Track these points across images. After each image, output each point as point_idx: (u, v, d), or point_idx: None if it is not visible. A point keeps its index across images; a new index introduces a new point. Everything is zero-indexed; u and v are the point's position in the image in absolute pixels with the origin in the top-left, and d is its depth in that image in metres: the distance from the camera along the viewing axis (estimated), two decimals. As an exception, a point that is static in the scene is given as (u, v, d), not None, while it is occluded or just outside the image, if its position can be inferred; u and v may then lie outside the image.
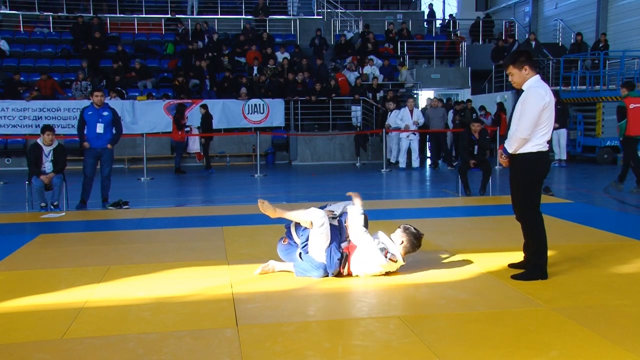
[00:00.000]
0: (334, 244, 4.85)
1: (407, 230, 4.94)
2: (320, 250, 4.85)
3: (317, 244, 4.84)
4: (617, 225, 6.98)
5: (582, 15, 21.88)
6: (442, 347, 3.49)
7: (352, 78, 18.12)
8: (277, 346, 3.54)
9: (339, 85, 17.74)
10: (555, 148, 14.74)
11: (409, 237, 4.91)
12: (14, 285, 4.89)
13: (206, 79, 17.75)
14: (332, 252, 4.84)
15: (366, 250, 4.86)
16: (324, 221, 4.78)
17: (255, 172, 13.78)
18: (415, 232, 4.94)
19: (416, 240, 4.93)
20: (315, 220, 4.78)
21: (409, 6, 25.66)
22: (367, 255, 4.86)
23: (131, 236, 6.93)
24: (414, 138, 15.12)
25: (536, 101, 4.65)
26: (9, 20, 21.19)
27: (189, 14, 22.47)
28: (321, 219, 4.78)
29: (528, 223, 4.87)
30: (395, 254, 4.87)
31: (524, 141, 4.71)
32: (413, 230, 4.94)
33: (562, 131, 14.70)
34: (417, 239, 4.94)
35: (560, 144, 14.80)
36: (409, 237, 4.90)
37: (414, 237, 4.92)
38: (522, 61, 4.77)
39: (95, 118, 9.07)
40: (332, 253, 4.84)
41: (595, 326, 3.78)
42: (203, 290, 4.70)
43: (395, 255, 4.87)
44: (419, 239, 4.95)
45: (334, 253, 4.84)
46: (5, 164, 15.73)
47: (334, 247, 4.84)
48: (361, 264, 4.89)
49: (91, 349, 3.55)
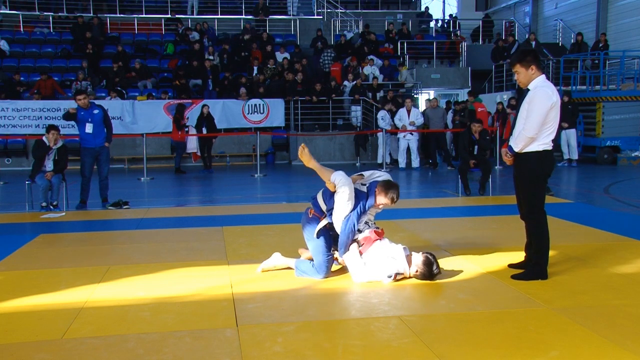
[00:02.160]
0: (355, 211, 4.81)
1: (428, 264, 4.76)
2: (342, 216, 4.81)
3: (340, 209, 4.81)
4: (617, 225, 6.98)
5: (582, 15, 21.88)
6: (442, 347, 3.49)
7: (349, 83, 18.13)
8: (277, 346, 3.54)
9: (332, 74, 17.76)
10: (564, 147, 14.69)
11: (425, 270, 4.75)
12: (14, 285, 4.90)
13: (209, 79, 17.75)
14: (350, 219, 4.80)
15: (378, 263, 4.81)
16: (344, 184, 4.76)
17: (255, 172, 13.78)
18: (433, 270, 4.75)
19: (428, 277, 4.76)
20: (338, 182, 4.78)
21: (409, 6, 25.66)
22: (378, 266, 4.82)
23: (131, 236, 6.93)
24: (412, 138, 15.11)
25: (543, 100, 4.67)
26: (9, 20, 21.19)
27: (189, 14, 22.47)
28: (342, 182, 4.77)
29: (532, 222, 4.88)
30: (405, 272, 4.79)
31: (530, 140, 4.72)
32: (433, 267, 4.75)
33: (571, 131, 14.62)
34: (430, 276, 4.77)
35: (570, 144, 14.74)
36: (424, 271, 4.75)
37: (429, 273, 4.75)
38: (529, 60, 4.78)
39: (87, 118, 9.11)
40: (349, 220, 4.79)
41: (595, 326, 3.78)
42: (203, 290, 4.70)
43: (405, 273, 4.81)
44: (432, 277, 4.77)
45: (353, 219, 4.79)
46: (5, 164, 15.73)
47: (355, 214, 4.80)
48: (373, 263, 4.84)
49: (91, 349, 3.55)
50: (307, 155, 4.98)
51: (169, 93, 16.96)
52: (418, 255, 4.82)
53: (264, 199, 10.36)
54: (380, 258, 4.82)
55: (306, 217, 5.06)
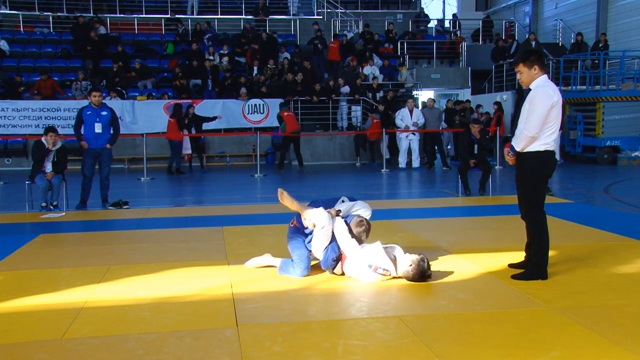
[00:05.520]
0: (333, 243, 4.93)
1: (421, 264, 4.69)
2: (319, 249, 4.96)
3: (318, 243, 4.95)
4: (617, 225, 6.98)
5: (582, 15, 21.88)
6: (442, 347, 3.49)
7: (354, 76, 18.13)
8: (277, 346, 3.54)
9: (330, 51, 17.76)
10: None
11: (416, 270, 4.68)
12: (14, 285, 4.89)
13: (208, 79, 17.75)
14: (329, 251, 4.93)
15: (355, 264, 4.87)
16: (325, 224, 4.86)
17: (255, 172, 13.78)
18: (424, 271, 4.69)
19: (419, 278, 4.68)
20: (319, 223, 4.88)
21: (409, 6, 25.66)
22: (357, 269, 4.87)
23: (131, 236, 6.93)
24: (414, 138, 15.11)
25: (544, 100, 4.68)
26: (9, 20, 21.18)
27: (189, 14, 22.47)
28: (323, 222, 4.86)
29: (532, 222, 4.88)
30: (388, 269, 4.75)
31: (531, 139, 4.73)
32: (424, 267, 4.69)
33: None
34: (421, 277, 4.69)
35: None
36: (416, 271, 4.68)
37: (420, 274, 4.68)
38: (533, 60, 4.79)
39: (94, 118, 9.06)
40: (329, 252, 4.93)
41: (595, 326, 3.78)
42: (203, 290, 4.70)
43: (388, 270, 4.76)
44: (424, 277, 4.70)
45: (330, 252, 4.92)
46: (5, 164, 15.72)
47: (333, 246, 4.92)
48: (354, 271, 4.92)
49: (91, 349, 3.55)
50: (288, 198, 5.11)
51: (168, 93, 16.97)
52: (408, 255, 4.80)
53: (264, 199, 10.36)
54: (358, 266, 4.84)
55: (289, 225, 5.28)
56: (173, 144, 14.63)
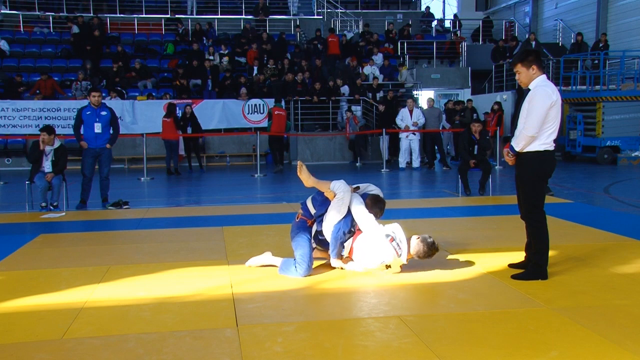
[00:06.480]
0: (347, 218, 4.98)
1: (426, 238, 4.97)
2: (332, 223, 4.98)
3: (332, 216, 4.97)
4: (617, 225, 6.98)
5: (582, 15, 21.87)
6: (442, 347, 3.49)
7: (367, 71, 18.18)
8: (277, 346, 3.54)
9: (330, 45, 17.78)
10: None
11: (423, 243, 4.93)
12: (14, 285, 4.89)
13: (208, 79, 17.75)
14: (342, 225, 4.96)
15: (371, 235, 4.94)
16: (344, 194, 4.94)
17: (255, 172, 13.78)
18: (431, 244, 4.94)
19: (428, 249, 4.93)
20: (339, 192, 4.94)
21: (409, 6, 25.66)
22: (371, 241, 4.92)
23: (131, 236, 6.93)
24: (414, 138, 15.12)
25: (543, 99, 4.68)
26: (9, 20, 21.20)
27: (189, 14, 22.48)
28: (343, 191, 4.94)
29: (532, 222, 4.88)
30: (402, 242, 4.91)
31: (531, 139, 4.73)
32: (429, 241, 4.95)
33: None
34: (431, 247, 4.94)
35: None
36: (423, 244, 4.93)
37: (429, 245, 4.93)
38: (531, 60, 4.80)
39: (94, 118, 9.06)
40: (341, 225, 4.96)
41: (595, 326, 3.78)
42: (203, 290, 4.70)
43: (401, 247, 4.89)
44: (433, 247, 4.95)
45: (343, 225, 4.96)
46: (5, 164, 15.73)
47: (346, 220, 4.97)
48: (364, 250, 4.96)
49: (91, 349, 3.55)
50: (306, 172, 5.16)
51: (170, 94, 16.97)
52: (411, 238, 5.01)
53: (264, 199, 10.36)
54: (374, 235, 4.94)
55: (294, 221, 5.28)
56: (169, 144, 14.62)
